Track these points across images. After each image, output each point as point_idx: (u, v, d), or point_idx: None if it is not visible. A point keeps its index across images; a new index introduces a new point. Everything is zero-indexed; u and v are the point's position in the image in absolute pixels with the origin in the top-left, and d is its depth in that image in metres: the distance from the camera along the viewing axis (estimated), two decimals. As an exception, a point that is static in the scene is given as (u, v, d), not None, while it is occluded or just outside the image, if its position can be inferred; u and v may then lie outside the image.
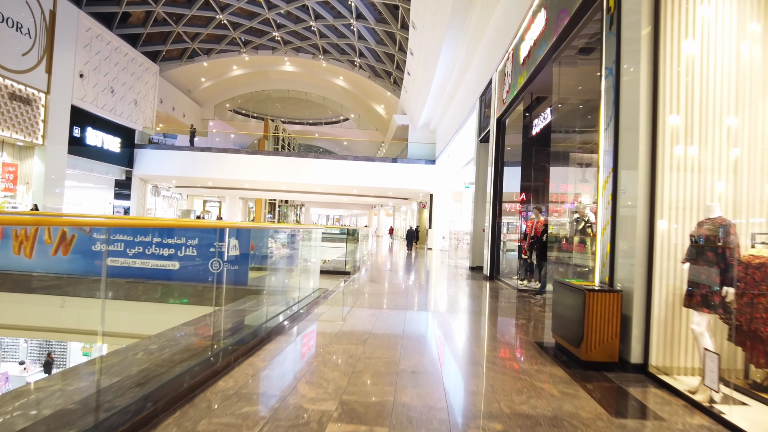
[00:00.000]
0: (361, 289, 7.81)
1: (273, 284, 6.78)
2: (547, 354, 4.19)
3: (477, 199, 12.82)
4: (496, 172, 10.42)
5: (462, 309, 6.42)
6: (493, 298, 7.63)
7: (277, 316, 5.06)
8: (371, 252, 21.08)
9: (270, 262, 6.99)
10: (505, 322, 5.58)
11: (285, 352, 3.83)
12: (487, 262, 10.35)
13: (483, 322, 5.58)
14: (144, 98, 24.93)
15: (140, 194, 25.27)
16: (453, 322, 5.43)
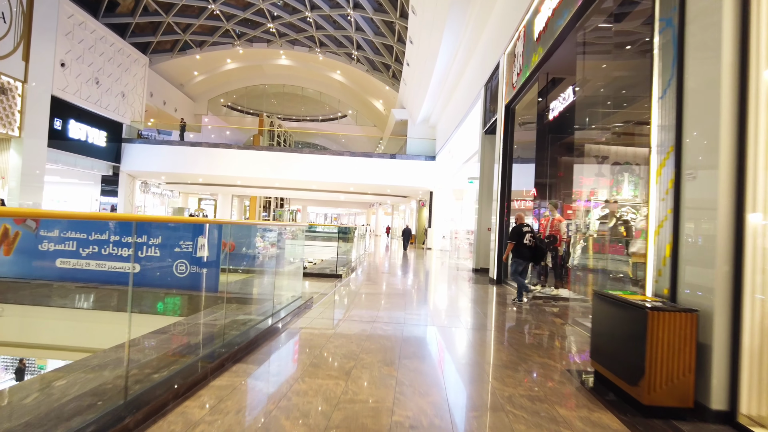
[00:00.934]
0: (351, 296, 6.81)
1: (246, 292, 5.78)
2: (588, 390, 3.19)
3: (481, 196, 11.82)
4: (504, 165, 9.43)
5: (470, 322, 5.42)
6: (504, 306, 6.64)
7: (243, 335, 4.06)
8: (368, 252, 20.09)
9: (245, 265, 5.98)
10: (524, 341, 4.59)
11: (236, 392, 2.83)
12: (494, 264, 9.35)
13: (498, 340, 4.58)
14: (132, 91, 23.90)
15: (128, 191, 24.24)
16: (461, 343, 4.43)
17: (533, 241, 6.83)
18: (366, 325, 4.75)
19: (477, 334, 4.76)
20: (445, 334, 4.67)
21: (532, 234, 6.91)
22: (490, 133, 11.63)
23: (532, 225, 8.70)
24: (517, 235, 6.86)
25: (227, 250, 7.03)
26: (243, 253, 6.58)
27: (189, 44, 28.93)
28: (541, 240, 7.25)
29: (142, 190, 26.91)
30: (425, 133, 24.16)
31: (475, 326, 5.14)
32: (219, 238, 6.11)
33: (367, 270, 11.52)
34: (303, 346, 3.96)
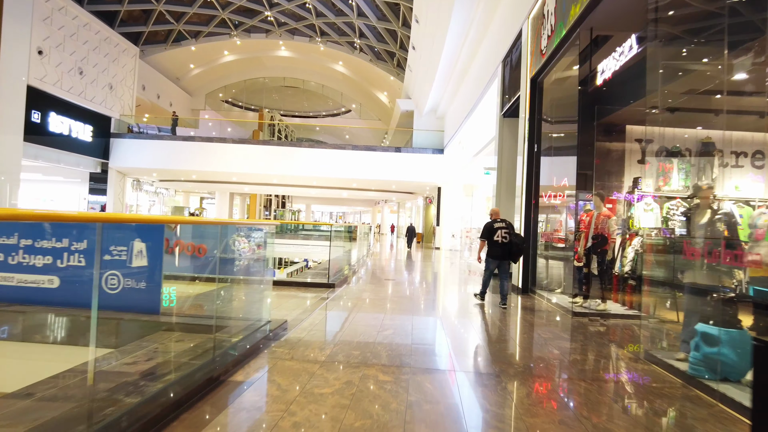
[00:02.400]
0: (339, 318, 5.27)
1: (192, 313, 4.28)
2: None
3: (499, 189, 10.25)
4: (530, 150, 7.84)
5: (508, 359, 3.86)
6: (543, 329, 5.07)
7: (164, 392, 2.55)
8: (371, 252, 18.56)
9: (193, 276, 4.47)
10: (600, 402, 3.03)
11: None
12: (519, 270, 7.78)
13: (557, 400, 3.03)
14: (121, 83, 22.54)
15: (118, 189, 22.91)
16: (504, 412, 2.88)
17: (508, 238, 6.31)
18: (353, 371, 3.22)
19: (524, 387, 3.21)
20: (478, 395, 3.13)
21: (508, 230, 6.40)
22: (509, 116, 10.04)
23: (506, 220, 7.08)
24: (488, 231, 6.45)
25: (194, 254, 5.59)
26: (211, 259, 5.10)
27: (183, 35, 27.55)
28: (517, 235, 6.48)
29: (134, 188, 25.60)
30: (432, 124, 22.56)
31: (519, 370, 3.58)
32: (159, 242, 4.61)
33: (368, 276, 9.99)
34: (251, 418, 2.44)
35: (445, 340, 4.37)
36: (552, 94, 7.82)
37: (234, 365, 3.17)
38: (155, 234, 4.76)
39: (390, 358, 3.53)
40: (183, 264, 4.56)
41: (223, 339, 3.62)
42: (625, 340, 4.52)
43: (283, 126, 36.27)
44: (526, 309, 6.27)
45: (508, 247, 6.28)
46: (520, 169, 8.14)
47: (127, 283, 4.67)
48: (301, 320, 4.73)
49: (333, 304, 5.89)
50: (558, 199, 7.81)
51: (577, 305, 6.05)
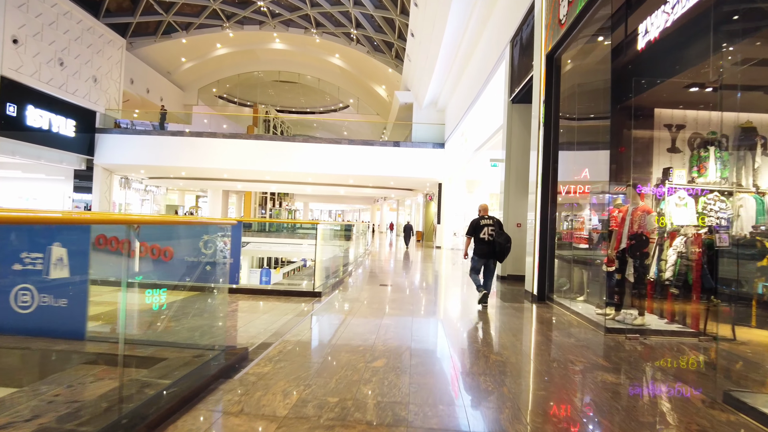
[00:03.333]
0: (320, 340, 4.27)
1: (124, 339, 3.27)
2: None
3: (508, 182, 9.25)
4: (547, 138, 6.83)
5: (544, 412, 2.87)
6: (575, 352, 4.07)
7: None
8: (368, 251, 17.56)
9: (124, 286, 3.47)
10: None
11: None
12: (534, 273, 6.78)
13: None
14: (107, 76, 21.51)
15: (105, 186, 21.91)
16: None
17: (491, 236, 6.01)
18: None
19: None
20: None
21: (494, 227, 6.08)
22: (519, 102, 9.04)
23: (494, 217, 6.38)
24: (474, 229, 6.16)
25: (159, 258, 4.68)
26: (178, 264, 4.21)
27: (173, 26, 26.50)
28: (502, 234, 6.05)
29: (123, 185, 24.59)
30: (433, 117, 21.54)
31: (555, 417, 2.59)
32: (84, 247, 3.64)
33: (362, 280, 9.00)
34: None
35: (453, 380, 3.37)
36: (572, 71, 6.81)
37: (149, 429, 2.17)
38: (79, 237, 3.77)
39: (379, 411, 2.53)
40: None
41: (146, 381, 2.62)
42: (685, 373, 3.52)
43: (279, 122, 35.26)
44: (548, 323, 5.27)
45: (494, 246, 5.96)
46: (534, 161, 7.14)
47: (44, 300, 3.67)
48: (268, 346, 3.73)
49: (314, 321, 4.89)
50: (577, 194, 6.81)
51: (609, 318, 5.06)
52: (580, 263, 6.51)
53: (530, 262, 7.01)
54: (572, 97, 6.86)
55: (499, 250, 5.94)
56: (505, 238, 6.02)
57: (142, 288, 3.26)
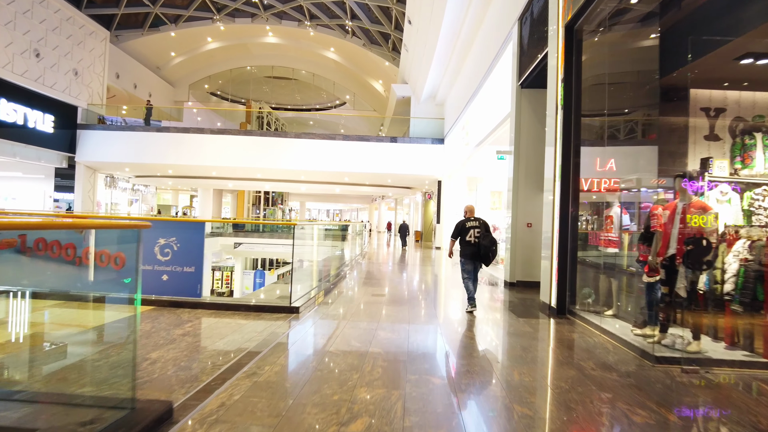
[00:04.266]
0: (286, 384, 3.22)
1: None
2: None
3: (516, 177, 8.24)
4: (567, 124, 5.81)
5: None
6: (621, 395, 3.05)
7: None
8: (364, 253, 16.52)
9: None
10: None
11: None
12: (552, 282, 5.77)
13: None
14: (89, 69, 20.43)
15: (88, 185, 20.85)
16: None
17: (477, 239, 5.79)
18: None
19: None
20: None
21: (480, 229, 5.83)
22: (530, 86, 8.04)
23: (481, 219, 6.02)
24: (459, 231, 5.95)
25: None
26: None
27: (161, 19, 25.43)
28: (487, 237, 5.78)
29: (108, 184, 23.52)
30: (431, 112, 20.52)
31: None
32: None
33: (353, 288, 7.99)
34: None
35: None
36: (597, 44, 5.80)
37: None
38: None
39: None
40: None
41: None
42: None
43: (273, 118, 34.24)
44: (574, 347, 4.26)
45: (479, 248, 5.74)
46: (552, 152, 6.12)
47: None
48: (207, 395, 2.71)
49: (280, 353, 3.87)
50: (602, 189, 5.80)
51: (652, 340, 4.05)
52: (608, 270, 5.50)
53: (546, 267, 6.00)
54: (597, 75, 5.85)
55: (484, 253, 5.70)
56: (490, 240, 5.75)
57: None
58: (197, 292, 5.35)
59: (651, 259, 4.22)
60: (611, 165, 5.88)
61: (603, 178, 5.88)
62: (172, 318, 4.71)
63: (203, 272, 5.38)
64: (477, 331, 4.87)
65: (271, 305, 5.21)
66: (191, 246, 5.36)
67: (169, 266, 5.37)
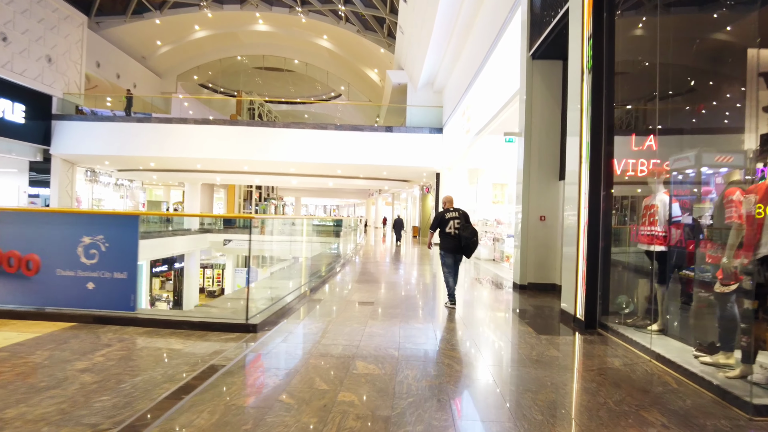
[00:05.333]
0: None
1: None
2: None
3: (527, 164, 7.10)
4: (597, 92, 4.65)
5: None
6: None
7: None
8: (358, 248, 15.35)
9: None
10: None
11: None
12: (579, 287, 4.64)
13: None
14: (65, 56, 19.16)
15: (65, 180, 19.66)
16: None
17: (457, 230, 5.53)
18: None
19: None
20: None
21: (460, 220, 5.58)
22: (543, 57, 6.89)
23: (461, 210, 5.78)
24: (439, 222, 5.69)
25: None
26: None
27: (145, 5, 24.16)
28: (467, 228, 5.55)
29: (89, 179, 22.32)
30: (429, 99, 19.33)
31: None
32: None
33: (338, 294, 6.87)
34: None
35: None
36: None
37: None
38: None
39: None
40: None
41: None
42: None
43: (266, 111, 32.96)
44: (626, 383, 3.12)
45: (459, 240, 5.51)
46: (577, 129, 4.98)
47: None
48: None
49: (210, 403, 2.73)
50: (638, 171, 4.65)
51: (729, 373, 2.93)
52: (649, 273, 4.37)
53: (570, 269, 4.86)
54: (636, 29, 4.71)
55: (464, 245, 5.48)
56: (471, 231, 5.53)
57: None
58: (130, 304, 4.20)
59: (726, 261, 3.09)
60: (650, 143, 4.74)
61: (640, 159, 4.74)
62: (87, 341, 3.58)
63: (138, 279, 4.23)
64: (491, 359, 3.74)
65: (221, 322, 4.07)
66: (123, 246, 4.22)
67: (96, 271, 4.23)
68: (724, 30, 4.93)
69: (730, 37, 4.81)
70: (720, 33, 4.93)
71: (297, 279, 7.31)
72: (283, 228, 9.04)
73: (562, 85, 6.99)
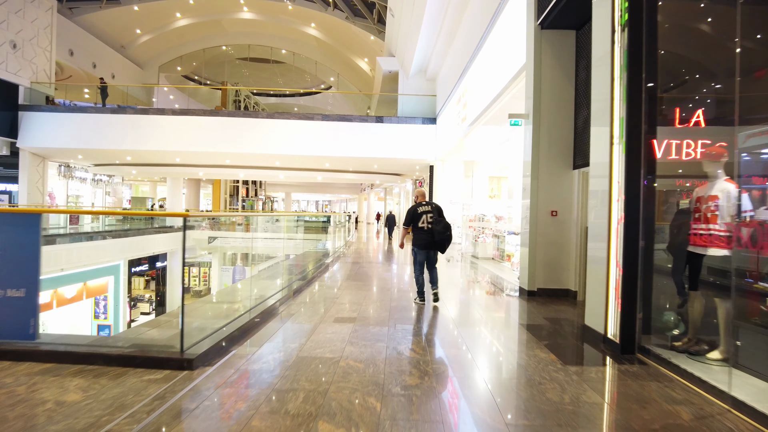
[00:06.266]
0: None
1: None
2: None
3: (536, 149, 6.13)
4: (635, 53, 3.67)
5: None
6: None
7: None
8: (348, 245, 14.34)
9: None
10: None
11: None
12: (610, 300, 3.68)
13: None
14: (32, 42, 17.87)
15: (35, 175, 18.42)
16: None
17: (431, 224, 5.41)
18: None
19: None
20: None
21: (433, 214, 5.48)
22: (553, 26, 5.91)
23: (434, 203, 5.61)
24: (412, 217, 5.56)
25: None
26: None
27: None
28: (438, 221, 5.38)
29: (62, 174, 21.05)
30: (422, 88, 18.30)
31: None
32: None
33: (312, 307, 5.88)
34: None
35: None
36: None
37: None
38: None
39: None
40: None
41: None
42: None
43: (253, 103, 31.71)
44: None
45: (433, 235, 5.38)
46: (605, 111, 4.01)
47: None
48: None
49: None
50: (690, 153, 3.70)
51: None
52: (711, 287, 3.42)
53: (598, 276, 3.91)
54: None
55: (438, 239, 5.36)
56: (444, 225, 5.38)
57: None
58: (29, 331, 3.18)
59: None
60: (698, 118, 3.78)
61: (685, 139, 3.78)
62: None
63: (38, 298, 3.21)
64: (512, 413, 2.78)
65: (146, 356, 3.06)
66: (19, 254, 3.18)
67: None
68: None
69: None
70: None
71: (270, 286, 6.32)
72: (264, 226, 8.06)
73: (576, 60, 6.03)
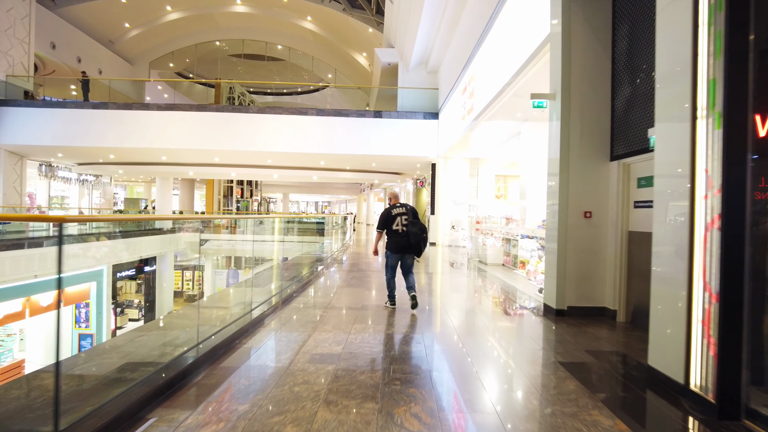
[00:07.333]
0: None
1: None
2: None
3: (565, 139, 5.03)
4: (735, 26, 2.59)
5: None
6: None
7: None
8: (344, 248, 13.22)
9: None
10: None
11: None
12: (697, 340, 2.59)
13: None
14: (7, 33, 16.81)
15: (12, 175, 17.32)
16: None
17: (405, 227, 5.19)
18: None
19: None
20: None
21: (408, 216, 5.25)
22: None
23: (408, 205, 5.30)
24: (385, 220, 5.31)
25: None
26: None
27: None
28: (414, 223, 5.17)
29: (44, 174, 19.97)
30: (423, 81, 17.22)
31: None
32: None
33: (284, 340, 4.79)
34: None
35: None
36: None
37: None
38: None
39: None
40: None
41: None
42: None
43: (248, 101, 30.63)
44: None
45: (409, 237, 5.11)
46: (685, 72, 2.92)
47: None
48: None
49: None
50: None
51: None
52: None
53: (670, 303, 2.82)
54: None
55: (414, 242, 5.09)
56: (420, 227, 5.14)
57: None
58: None
59: None
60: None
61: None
62: None
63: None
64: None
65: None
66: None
67: None
68: None
69: None
70: None
71: (239, 305, 5.21)
72: (253, 229, 6.95)
73: (613, 26, 4.94)
